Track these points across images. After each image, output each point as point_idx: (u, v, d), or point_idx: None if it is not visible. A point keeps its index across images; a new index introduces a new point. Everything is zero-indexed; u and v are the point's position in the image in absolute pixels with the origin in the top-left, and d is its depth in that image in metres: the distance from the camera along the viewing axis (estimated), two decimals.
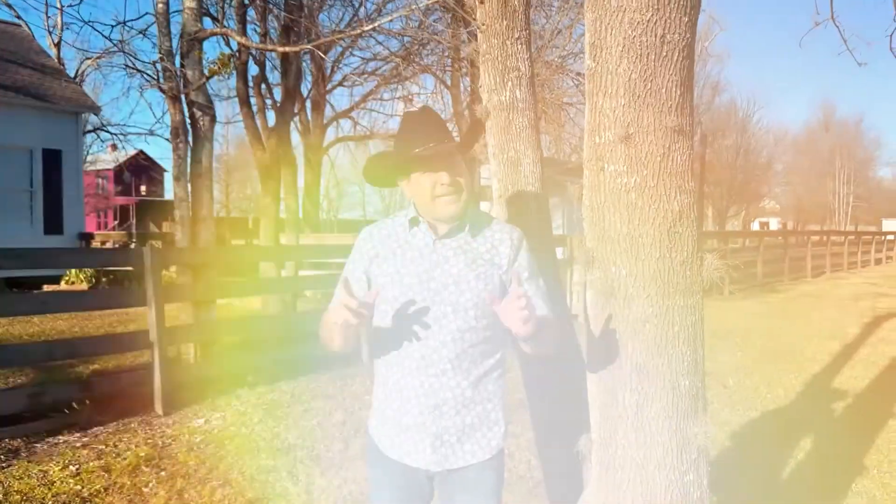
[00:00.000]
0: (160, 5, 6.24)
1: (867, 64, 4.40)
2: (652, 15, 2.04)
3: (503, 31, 2.59)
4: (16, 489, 4.03)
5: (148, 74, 6.70)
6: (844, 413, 5.92)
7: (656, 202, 2.10)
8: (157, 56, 5.93)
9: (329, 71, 16.43)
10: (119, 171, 40.49)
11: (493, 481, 1.97)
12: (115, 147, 33.19)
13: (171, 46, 6.28)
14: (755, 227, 60.53)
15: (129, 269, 13.89)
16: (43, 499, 3.92)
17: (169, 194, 49.10)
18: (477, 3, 2.67)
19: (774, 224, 65.29)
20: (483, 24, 2.63)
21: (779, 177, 50.43)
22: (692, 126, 2.20)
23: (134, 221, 44.38)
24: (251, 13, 10.24)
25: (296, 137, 16.90)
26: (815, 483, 4.33)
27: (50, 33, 23.64)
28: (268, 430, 5.12)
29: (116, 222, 45.43)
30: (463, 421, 1.87)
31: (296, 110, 12.00)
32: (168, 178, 48.12)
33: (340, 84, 16.87)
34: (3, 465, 4.42)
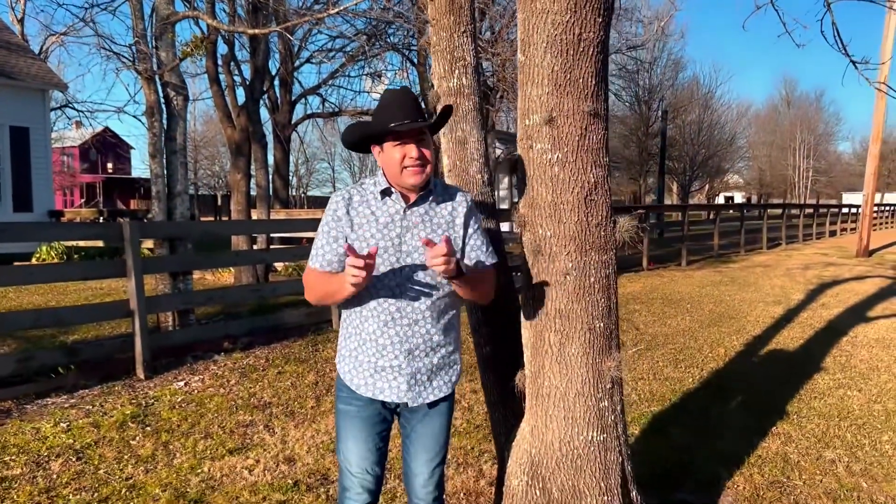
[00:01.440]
0: None
1: (805, 45, 4.87)
2: (570, 17, 2.43)
3: (450, 26, 2.97)
4: (12, 443, 4.38)
5: (124, 57, 6.94)
6: (777, 368, 6.46)
7: (575, 175, 2.51)
8: (132, 39, 6.19)
9: (297, 49, 16.57)
10: (85, 149, 40.04)
11: (448, 412, 2.40)
12: (79, 124, 32.86)
13: (144, 29, 6.55)
14: (720, 201, 61.79)
15: (100, 244, 14.08)
16: (38, 451, 4.27)
17: (136, 171, 48.65)
18: (424, 1, 3.05)
19: (739, 198, 66.65)
20: (433, 20, 3.00)
21: (742, 151, 51.46)
22: (606, 110, 2.61)
23: (101, 199, 43.97)
24: None
25: (265, 114, 17.08)
26: (740, 425, 4.84)
27: (12, 9, 23.31)
28: (244, 391, 5.50)
29: (83, 200, 44.94)
30: (431, 362, 2.28)
31: (265, 88, 12.21)
32: (135, 155, 47.68)
33: (308, 61, 17.04)
34: None
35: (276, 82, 17.29)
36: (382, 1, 9.77)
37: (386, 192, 2.27)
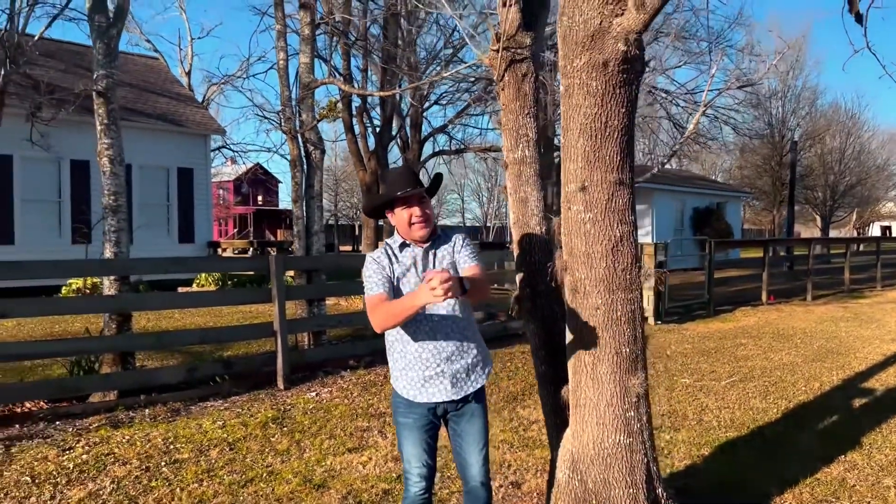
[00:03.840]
0: (281, 62, 7.78)
1: None
2: (598, 109, 3.14)
3: (516, 109, 3.74)
4: (181, 435, 5.51)
5: (272, 120, 8.25)
6: (868, 404, 6.61)
7: (604, 230, 3.20)
8: (279, 100, 7.41)
9: (426, 93, 17.86)
10: (238, 183, 43.85)
11: (485, 413, 3.15)
12: (233, 161, 36.17)
13: (289, 95, 7.79)
14: (875, 231, 57.80)
15: (251, 273, 15.79)
16: (201, 442, 5.36)
17: (283, 204, 52.54)
18: (498, 90, 3.84)
19: None
20: (503, 105, 3.79)
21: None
22: (632, 178, 3.28)
23: (252, 229, 47.77)
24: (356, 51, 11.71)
25: (396, 153, 18.43)
26: (810, 452, 5.17)
27: (181, 63, 26.41)
28: (364, 402, 6.43)
29: (236, 230, 49.00)
30: (466, 362, 3.03)
31: (396, 130, 13.39)
32: (282, 189, 51.45)
33: (436, 103, 18.28)
34: (171, 419, 5.95)
35: (408, 123, 18.64)
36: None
37: (403, 245, 3.03)
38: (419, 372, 2.99)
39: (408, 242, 3.03)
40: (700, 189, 27.41)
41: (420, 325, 2.98)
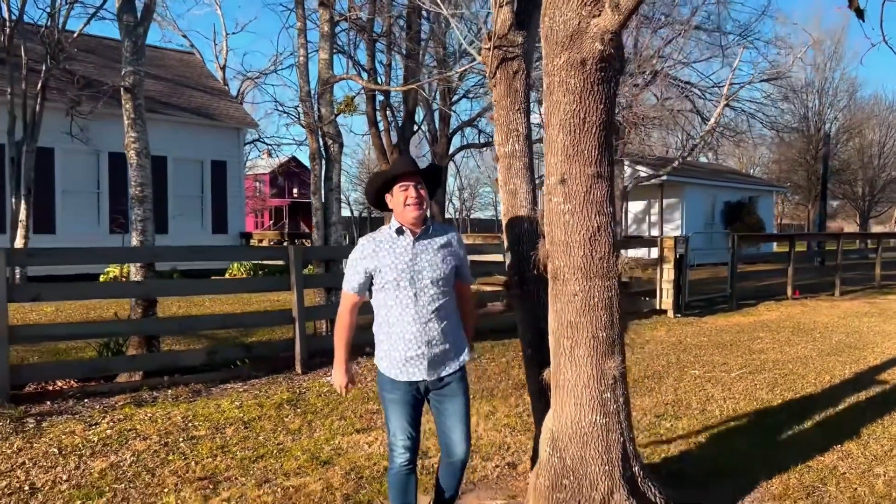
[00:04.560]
0: (301, 58, 8.05)
1: None
2: (577, 106, 3.31)
3: (507, 105, 3.92)
4: (200, 414, 5.81)
5: (291, 115, 8.52)
6: (875, 397, 6.64)
7: (582, 221, 3.37)
8: (298, 100, 7.69)
9: (455, 86, 18.04)
10: (274, 176, 44.55)
11: (466, 390, 3.34)
12: (269, 154, 36.82)
13: (309, 90, 8.06)
14: None
15: (281, 263, 16.19)
16: (218, 420, 5.65)
17: None
18: (490, 86, 4.02)
19: None
20: (495, 100, 3.97)
21: None
22: (610, 171, 3.44)
23: (287, 221, 48.50)
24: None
25: (425, 147, 18.63)
26: (807, 441, 5.26)
27: (217, 58, 26.97)
28: (376, 386, 6.67)
29: (272, 222, 49.80)
30: (444, 349, 3.23)
31: (421, 124, 13.60)
32: None
33: (464, 97, 18.47)
34: (192, 399, 6.26)
35: (436, 117, 18.84)
36: None
37: (399, 231, 3.24)
38: (401, 353, 3.20)
39: (404, 228, 3.23)
40: (732, 183, 27.12)
41: (406, 310, 3.18)
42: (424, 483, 4.16)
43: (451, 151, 19.99)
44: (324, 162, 8.18)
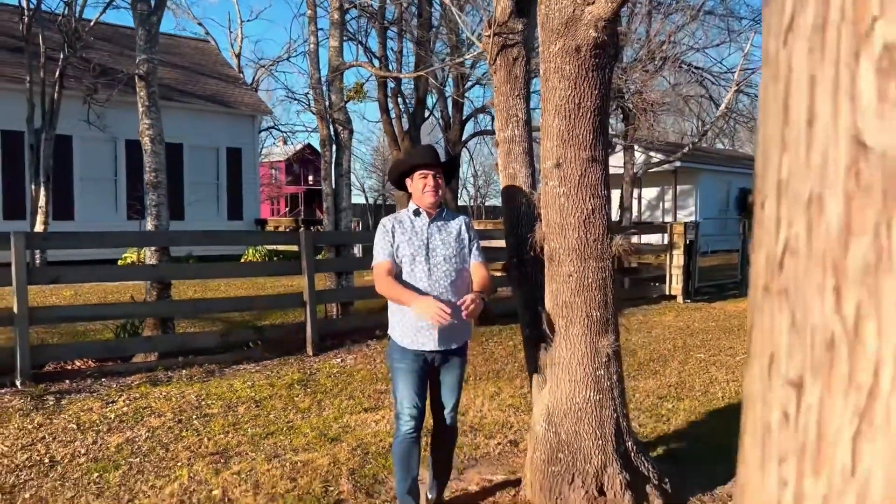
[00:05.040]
0: (311, 45, 8.15)
1: None
2: (572, 91, 3.41)
3: (507, 92, 4.01)
4: (213, 393, 5.98)
5: (302, 102, 8.63)
6: None
7: (577, 204, 3.47)
8: (308, 87, 7.83)
9: (468, 72, 18.08)
10: (289, 163, 44.79)
11: (463, 366, 3.51)
12: (284, 141, 37.03)
13: (319, 77, 8.17)
14: None
15: (295, 248, 16.39)
16: (230, 399, 5.83)
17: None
18: (490, 72, 4.11)
19: None
20: (495, 87, 4.07)
21: None
22: (605, 155, 3.54)
23: (302, 208, 48.76)
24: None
25: (438, 133, 18.69)
26: None
27: (232, 45, 27.14)
28: (385, 368, 6.82)
29: (287, 209, 50.07)
30: (454, 322, 3.37)
31: (433, 111, 13.68)
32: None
33: (477, 83, 18.48)
34: (205, 379, 6.44)
35: (449, 104, 18.89)
36: None
37: (416, 213, 3.44)
38: (412, 322, 3.35)
39: (421, 211, 3.43)
40: (747, 170, 26.91)
41: (420, 283, 3.35)
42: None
43: (464, 138, 20.05)
44: (334, 148, 8.32)
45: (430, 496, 3.76)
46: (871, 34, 0.38)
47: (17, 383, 5.97)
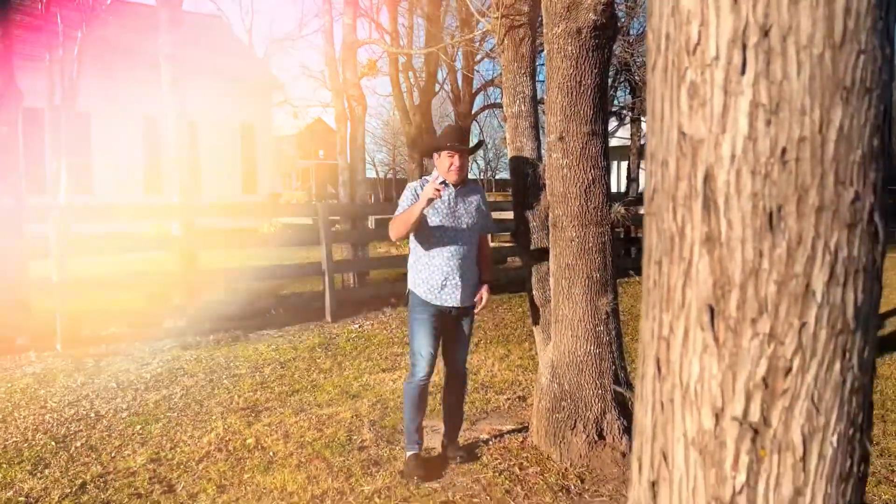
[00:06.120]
0: (326, 23, 8.43)
1: None
2: (574, 70, 3.70)
3: (515, 70, 4.30)
4: (241, 356, 6.38)
5: (317, 78, 8.92)
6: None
7: (578, 174, 3.78)
8: (324, 64, 8.11)
9: (477, 45, 18.22)
10: (301, 138, 45.06)
11: (473, 319, 3.91)
12: (297, 116, 37.23)
13: (334, 54, 8.45)
14: None
15: (310, 222, 16.76)
16: (256, 361, 6.22)
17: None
18: (498, 52, 4.41)
19: None
20: (503, 65, 4.36)
21: None
22: (604, 129, 3.84)
23: (314, 182, 49.09)
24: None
25: (448, 107, 18.86)
26: None
27: (243, 21, 27.27)
28: (400, 332, 7.19)
29: (299, 183, 50.40)
30: (473, 281, 3.75)
31: (445, 85, 13.91)
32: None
33: (486, 57, 18.63)
34: (232, 343, 6.84)
35: (459, 77, 19.06)
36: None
37: (444, 183, 3.74)
38: (439, 280, 3.74)
39: (447, 182, 3.77)
40: None
41: (447, 247, 3.73)
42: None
43: (474, 111, 20.23)
44: (349, 123, 8.63)
45: (444, 440, 4.13)
46: (685, 74, 0.71)
47: (58, 347, 6.39)
